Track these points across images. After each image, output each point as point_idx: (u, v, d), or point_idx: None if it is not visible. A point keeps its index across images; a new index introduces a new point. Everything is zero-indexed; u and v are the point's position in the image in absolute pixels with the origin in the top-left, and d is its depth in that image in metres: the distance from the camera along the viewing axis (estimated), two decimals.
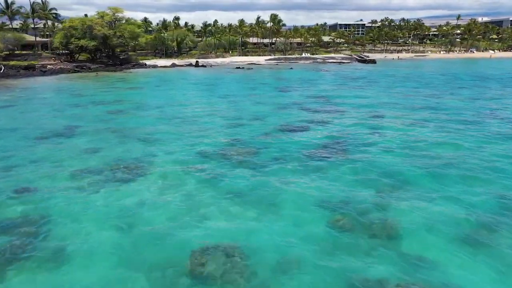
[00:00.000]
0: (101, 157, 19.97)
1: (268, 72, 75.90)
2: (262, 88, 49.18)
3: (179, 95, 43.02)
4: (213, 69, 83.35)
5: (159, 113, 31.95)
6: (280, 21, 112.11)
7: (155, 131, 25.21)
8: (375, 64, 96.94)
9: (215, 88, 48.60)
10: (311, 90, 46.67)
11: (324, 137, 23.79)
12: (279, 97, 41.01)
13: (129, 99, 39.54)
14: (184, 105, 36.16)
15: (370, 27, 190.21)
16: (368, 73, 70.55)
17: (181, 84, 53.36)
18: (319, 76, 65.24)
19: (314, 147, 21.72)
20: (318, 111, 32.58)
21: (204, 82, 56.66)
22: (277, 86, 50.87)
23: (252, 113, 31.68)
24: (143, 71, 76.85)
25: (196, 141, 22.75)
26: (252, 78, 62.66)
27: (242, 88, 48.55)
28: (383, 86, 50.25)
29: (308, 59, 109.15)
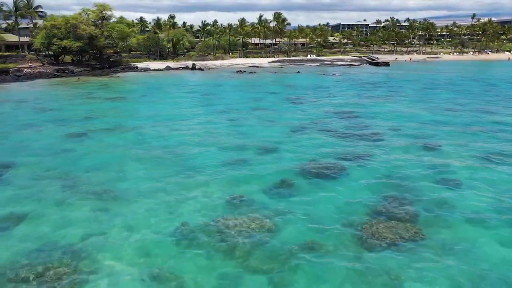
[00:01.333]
0: (21, 238, 11.85)
1: (273, 77, 67.64)
2: (268, 98, 40.88)
3: (167, 109, 34.71)
4: (211, 72, 75.13)
5: (134, 141, 23.63)
6: (285, 20, 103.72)
7: (116, 181, 16.87)
8: (389, 67, 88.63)
9: (213, 99, 40.28)
10: (328, 101, 38.40)
11: (371, 191, 15.58)
12: (292, 112, 32.72)
13: (102, 116, 31.24)
14: (171, 125, 27.84)
15: (374, 27, 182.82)
16: (386, 78, 62.26)
17: (173, 93, 45.09)
18: (332, 82, 56.96)
19: (363, 211, 13.59)
20: (348, 136, 24.27)
21: (199, 90, 48.38)
22: (286, 95, 42.58)
23: (259, 140, 23.38)
24: (133, 75, 68.59)
25: (176, 208, 14.38)
26: (256, 84, 54.39)
27: (245, 99, 40.25)
28: (413, 96, 41.94)
29: (314, 61, 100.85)
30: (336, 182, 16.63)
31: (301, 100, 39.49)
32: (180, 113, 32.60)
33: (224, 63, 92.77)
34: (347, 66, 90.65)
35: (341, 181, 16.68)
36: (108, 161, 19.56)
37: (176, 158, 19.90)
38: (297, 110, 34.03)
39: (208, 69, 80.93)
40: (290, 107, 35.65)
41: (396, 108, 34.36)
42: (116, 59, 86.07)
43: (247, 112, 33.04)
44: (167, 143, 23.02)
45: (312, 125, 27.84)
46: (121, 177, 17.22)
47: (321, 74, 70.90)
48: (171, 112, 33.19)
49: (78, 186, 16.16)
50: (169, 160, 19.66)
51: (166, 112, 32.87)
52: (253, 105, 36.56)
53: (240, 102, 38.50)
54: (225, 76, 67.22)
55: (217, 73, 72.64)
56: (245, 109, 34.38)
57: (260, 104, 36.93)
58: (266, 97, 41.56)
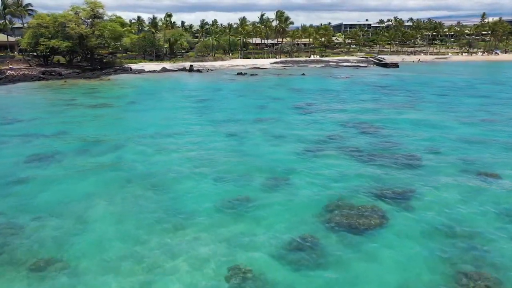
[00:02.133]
0: None
1: (276, 79, 62.83)
2: (273, 106, 36.09)
3: (157, 120, 29.92)
4: (210, 74, 70.34)
5: (110, 167, 18.83)
6: (287, 19, 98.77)
7: (70, 238, 12.08)
8: (398, 68, 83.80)
9: (210, 107, 35.50)
10: (342, 109, 33.63)
11: (429, 257, 10.85)
12: (302, 124, 27.93)
13: (79, 129, 26.45)
14: (159, 143, 23.07)
15: (377, 27, 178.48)
16: (399, 81, 57.46)
17: (166, 99, 40.30)
18: (341, 85, 52.15)
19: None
20: (376, 159, 19.49)
21: (196, 95, 43.59)
22: (293, 102, 37.79)
23: (266, 165, 18.60)
24: (126, 77, 63.79)
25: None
26: (258, 88, 49.59)
27: (246, 107, 35.46)
28: (436, 102, 37.13)
29: (318, 62, 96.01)
30: (376, 240, 11.85)
31: (311, 108, 34.70)
32: (172, 125, 27.81)
33: (224, 64, 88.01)
34: (353, 68, 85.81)
35: (383, 239, 11.91)
36: (68, 200, 14.79)
37: (159, 197, 15.12)
38: (308, 121, 29.23)
39: (206, 71, 76.16)
40: (299, 117, 30.85)
41: (423, 118, 29.54)
42: (109, 60, 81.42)
43: (249, 123, 28.24)
44: (151, 170, 18.24)
45: (329, 141, 23.06)
46: (79, 231, 12.45)
47: (328, 76, 66.08)
48: (162, 123, 28.39)
49: (13, 250, 11.37)
50: (150, 200, 14.88)
51: (156, 124, 28.07)
52: (256, 114, 31.76)
53: (241, 110, 33.71)
54: (224, 78, 62.43)
55: (216, 75, 67.85)
56: (247, 119, 29.58)
57: (264, 113, 32.14)
58: (270, 104, 36.77)
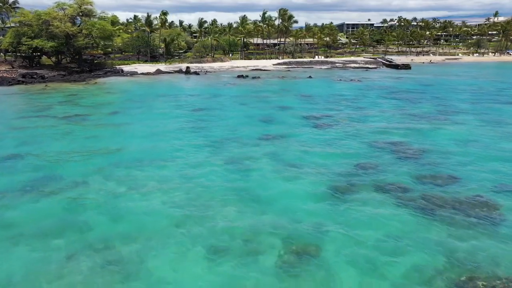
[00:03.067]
0: None
1: (281, 83, 57.06)
2: (281, 117, 30.30)
3: (139, 138, 24.13)
4: (208, 77, 64.56)
5: (57, 223, 13.05)
6: (291, 17, 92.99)
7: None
8: (410, 70, 78.06)
9: (206, 120, 29.67)
10: (364, 122, 27.83)
11: None
12: (320, 146, 22.13)
13: (36, 152, 20.64)
14: (134, 177, 17.26)
15: (380, 27, 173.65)
16: (418, 85, 51.66)
17: (154, 109, 34.53)
18: (355, 91, 46.35)
19: None
20: (433, 209, 13.73)
21: (191, 103, 37.80)
22: (304, 112, 32.01)
23: (282, 222, 12.83)
24: (115, 80, 57.98)
25: None
26: (262, 94, 43.80)
27: (249, 120, 29.64)
28: (474, 112, 31.28)
29: (324, 64, 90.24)
30: None
31: (327, 120, 28.90)
32: (157, 147, 22.02)
33: (223, 66, 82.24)
34: (362, 69, 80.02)
35: None
36: None
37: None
38: (326, 139, 23.44)
39: (204, 73, 70.37)
40: (314, 133, 25.05)
41: (468, 135, 23.77)
42: (99, 61, 75.67)
43: (253, 144, 22.46)
44: (116, 230, 12.51)
45: (360, 173, 17.30)
46: None
47: (337, 79, 60.28)
48: (145, 144, 22.60)
49: None
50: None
51: (137, 145, 22.29)
52: (261, 129, 25.98)
53: (243, 124, 27.91)
54: (224, 82, 56.62)
55: (215, 78, 62.06)
56: (250, 137, 23.79)
57: (271, 128, 26.35)
58: (277, 116, 30.97)
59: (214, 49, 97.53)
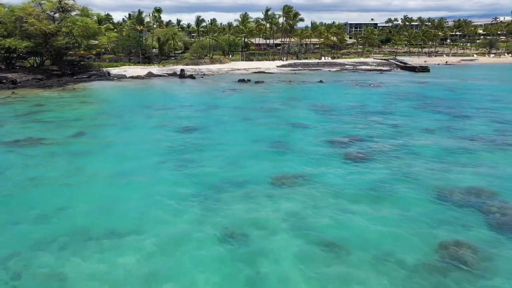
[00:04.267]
0: None
1: (289, 89, 49.68)
2: (297, 142, 22.81)
3: (98, 181, 16.71)
4: (205, 81, 57.15)
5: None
6: (297, 15, 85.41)
7: None
8: (429, 73, 70.67)
9: (197, 147, 22.14)
10: (414, 154, 20.31)
11: None
12: (365, 202, 14.64)
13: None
14: (64, 277, 9.83)
15: (383, 27, 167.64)
16: (449, 92, 44.20)
17: (133, 127, 27.09)
18: (378, 99, 38.88)
19: None
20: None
21: (180, 118, 30.37)
22: (327, 134, 24.52)
23: None
24: (98, 86, 50.59)
25: None
26: (269, 105, 36.39)
27: (256, 147, 22.16)
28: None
29: (333, 65, 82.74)
30: None
31: (359, 147, 21.46)
32: (116, 205, 14.53)
33: (223, 68, 74.78)
34: (376, 72, 72.50)
35: None
36: None
37: None
38: (372, 188, 15.93)
39: (201, 76, 62.94)
40: (350, 174, 17.54)
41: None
42: (85, 63, 68.25)
43: (264, 194, 15.02)
44: None
45: (451, 270, 9.86)
46: None
47: (353, 83, 52.83)
48: (98, 199, 15.14)
49: None
50: None
51: (86, 200, 14.84)
52: (273, 165, 18.52)
53: (248, 154, 20.48)
54: (222, 87, 49.18)
55: (213, 83, 54.64)
56: (259, 181, 16.33)
57: (288, 163, 18.88)
58: (292, 139, 23.51)
59: (213, 50, 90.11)
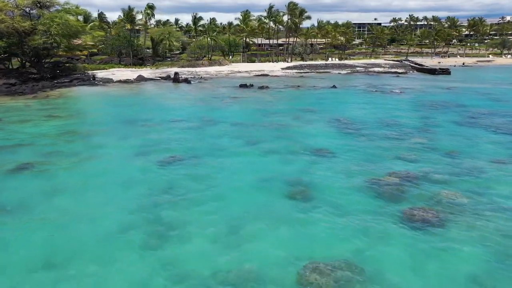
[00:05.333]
0: None
1: (300, 96, 42.93)
2: (326, 186, 15.95)
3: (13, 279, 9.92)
4: (202, 87, 50.39)
5: None
6: (303, 12, 78.60)
7: None
8: (450, 76, 63.90)
9: (181, 200, 15.27)
10: (494, 208, 13.51)
11: None
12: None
13: None
14: None
15: (386, 26, 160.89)
16: (488, 100, 37.41)
17: (98, 158, 20.28)
18: (410, 110, 32.07)
19: None
20: None
21: (163, 143, 23.49)
22: (364, 172, 17.71)
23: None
24: (77, 93, 43.83)
25: None
26: (278, 120, 29.58)
27: (267, 195, 15.34)
28: None
29: (342, 67, 75.89)
30: None
31: (415, 193, 14.66)
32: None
33: (222, 71, 67.95)
34: (392, 75, 65.57)
35: None
36: None
37: None
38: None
39: (198, 80, 56.12)
40: (424, 259, 10.77)
41: None
42: (70, 65, 61.53)
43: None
44: None
45: None
46: None
47: (371, 89, 46.01)
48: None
49: None
50: None
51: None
52: (293, 233, 11.73)
53: (253, 207, 13.68)
54: (221, 95, 42.38)
55: (211, 89, 47.85)
56: (275, 276, 9.53)
57: (315, 230, 12.06)
58: (314, 178, 16.66)
59: (212, 50, 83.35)
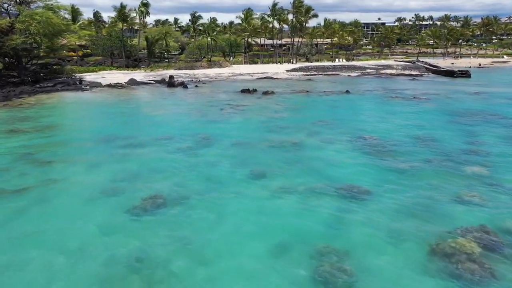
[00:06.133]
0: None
1: (310, 104, 37.71)
2: (370, 261, 10.70)
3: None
4: (199, 92, 45.20)
5: None
6: (310, 10, 73.33)
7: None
8: (471, 79, 58.61)
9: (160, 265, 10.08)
10: None
11: None
12: None
13: None
14: None
15: (397, 26, 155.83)
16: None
17: (49, 205, 15.12)
18: (445, 124, 26.77)
19: None
20: None
21: (145, 176, 18.29)
22: (418, 232, 12.45)
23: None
24: (55, 100, 38.67)
25: None
26: (289, 138, 24.35)
27: (284, 273, 10.15)
28: None
29: (351, 69, 70.52)
30: None
31: (506, 265, 9.35)
32: None
33: (222, 73, 62.72)
34: (407, 78, 60.18)
35: None
36: None
37: None
38: None
39: (196, 84, 50.89)
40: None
41: None
42: (57, 67, 56.40)
43: None
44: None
45: None
46: None
47: (391, 96, 40.69)
48: None
49: None
50: None
51: None
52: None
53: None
54: (221, 102, 37.15)
55: (209, 95, 42.62)
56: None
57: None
58: (350, 241, 11.42)
59: (212, 51, 78.19)
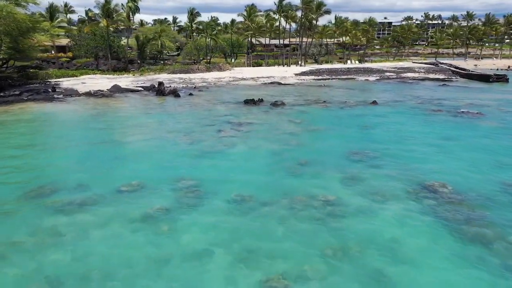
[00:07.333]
0: None
1: (332, 120, 29.94)
2: None
3: None
4: (193, 103, 37.39)
5: None
6: (321, 5, 65.47)
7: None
8: (509, 84, 50.76)
9: None
10: None
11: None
12: None
13: None
14: None
15: (398, 26, 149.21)
16: None
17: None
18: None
19: None
20: None
21: (84, 275, 10.50)
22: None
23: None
24: (9, 115, 30.85)
25: None
26: (315, 188, 16.68)
27: None
28: None
29: (367, 72, 62.52)
30: None
31: None
32: None
33: (222, 78, 54.86)
34: (435, 83, 52.19)
35: None
36: None
37: None
38: None
39: (191, 91, 43.05)
40: None
41: None
42: (32, 72, 48.75)
43: None
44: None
45: None
46: None
47: (432, 109, 32.74)
48: None
49: None
50: None
51: None
52: None
53: None
54: (219, 118, 29.28)
55: (204, 107, 34.74)
56: None
57: None
58: None
59: (211, 51, 70.37)
